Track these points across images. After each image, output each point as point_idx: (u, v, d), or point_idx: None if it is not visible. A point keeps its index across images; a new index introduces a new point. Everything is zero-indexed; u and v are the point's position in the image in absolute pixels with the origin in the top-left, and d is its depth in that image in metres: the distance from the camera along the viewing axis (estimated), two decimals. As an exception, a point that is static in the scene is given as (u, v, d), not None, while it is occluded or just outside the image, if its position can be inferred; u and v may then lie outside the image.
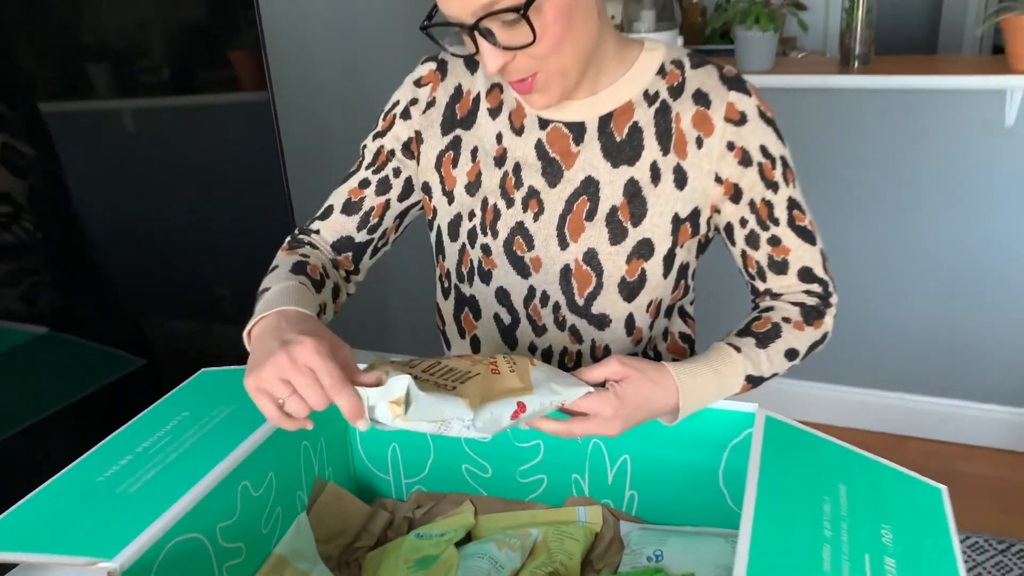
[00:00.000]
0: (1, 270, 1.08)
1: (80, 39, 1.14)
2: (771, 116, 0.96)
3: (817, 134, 2.42)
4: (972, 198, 2.33)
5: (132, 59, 1.20)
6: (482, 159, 1.00)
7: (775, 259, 0.98)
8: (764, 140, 0.95)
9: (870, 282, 2.51)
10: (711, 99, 0.94)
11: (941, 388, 2.53)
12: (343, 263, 1.06)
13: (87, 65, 1.13)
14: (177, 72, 1.25)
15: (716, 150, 0.94)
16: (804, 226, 0.98)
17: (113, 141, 1.19)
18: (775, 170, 0.95)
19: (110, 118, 1.18)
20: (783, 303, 1.00)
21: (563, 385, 0.82)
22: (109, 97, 1.17)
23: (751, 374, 0.93)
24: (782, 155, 0.96)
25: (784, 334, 0.96)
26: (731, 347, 0.93)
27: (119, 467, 0.86)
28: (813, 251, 1.00)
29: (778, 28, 2.34)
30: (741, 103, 0.94)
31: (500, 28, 0.83)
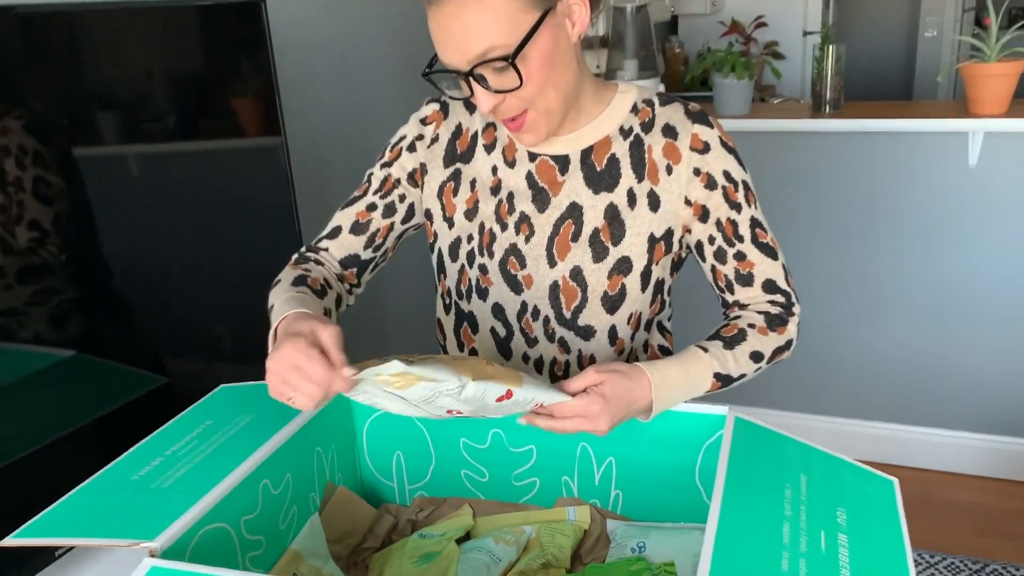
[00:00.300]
0: (28, 292, 1.17)
1: (110, 84, 1.25)
2: (732, 145, 1.08)
3: (792, 175, 2.55)
4: (940, 233, 2.45)
5: (155, 105, 1.31)
6: (479, 189, 1.12)
7: (741, 272, 1.10)
8: (726, 166, 1.07)
9: (846, 314, 2.62)
10: (678, 131, 1.06)
11: (917, 417, 2.63)
12: (348, 277, 1.17)
13: (113, 108, 1.24)
14: (197, 117, 1.37)
15: (684, 176, 1.06)
16: (766, 243, 1.10)
17: (135, 180, 1.29)
18: (738, 192, 1.07)
19: (135, 159, 1.28)
20: (749, 312, 1.11)
21: (547, 391, 0.92)
22: (134, 141, 1.28)
23: (719, 372, 1.03)
24: (743, 179, 1.08)
25: (749, 338, 1.07)
26: (700, 348, 1.04)
27: (152, 467, 0.95)
28: (775, 265, 1.10)
29: (753, 76, 2.48)
30: (704, 134, 1.06)
31: (491, 74, 0.95)
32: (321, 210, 1.96)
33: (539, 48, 0.94)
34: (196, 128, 1.38)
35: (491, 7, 0.91)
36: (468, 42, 0.92)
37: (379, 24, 2.21)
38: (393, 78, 2.29)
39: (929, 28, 5.54)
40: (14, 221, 1.13)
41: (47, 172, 1.17)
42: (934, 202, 2.44)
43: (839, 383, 2.70)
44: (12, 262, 1.14)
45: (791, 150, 2.53)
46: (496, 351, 1.16)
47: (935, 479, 2.59)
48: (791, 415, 2.77)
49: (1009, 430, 2.53)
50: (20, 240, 1.14)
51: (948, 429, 2.60)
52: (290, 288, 1.03)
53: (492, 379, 0.86)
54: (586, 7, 0.98)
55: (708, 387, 1.03)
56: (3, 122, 1.12)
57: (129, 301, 1.33)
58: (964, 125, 2.29)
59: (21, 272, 1.15)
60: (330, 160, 2.04)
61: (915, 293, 2.53)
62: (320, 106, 1.98)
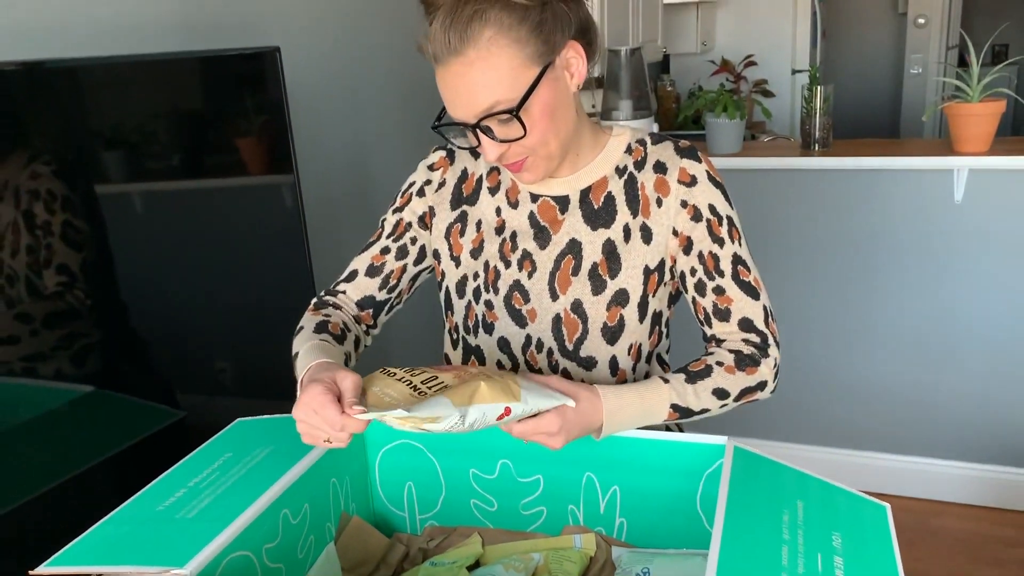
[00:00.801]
0: (55, 337, 1.21)
1: (137, 129, 1.30)
2: (719, 180, 1.14)
3: (783, 211, 2.62)
4: (927, 266, 2.52)
5: (178, 147, 1.37)
6: (484, 229, 1.18)
7: (719, 307, 1.14)
8: (712, 200, 1.12)
9: (837, 347, 2.68)
10: (667, 166, 1.13)
11: (908, 446, 2.68)
12: (364, 319, 1.23)
13: (138, 151, 1.29)
14: (216, 159, 1.43)
15: (672, 207, 1.12)
16: (748, 281, 1.14)
17: (156, 219, 1.34)
18: (722, 227, 1.13)
19: (155, 199, 1.33)
20: (722, 349, 1.15)
21: (542, 397, 0.97)
22: (152, 180, 1.33)
23: (676, 403, 1.08)
24: (728, 215, 1.14)
25: (714, 375, 1.11)
26: (661, 379, 1.09)
27: (175, 498, 0.99)
28: (755, 305, 1.14)
29: (744, 115, 2.56)
30: (692, 168, 1.12)
31: (497, 125, 1.03)
32: (329, 245, 2.01)
33: (540, 100, 1.01)
34: (216, 169, 1.44)
35: (494, 66, 0.98)
36: (474, 98, 0.99)
37: (385, 67, 2.29)
38: (397, 120, 2.35)
39: (914, 65, 5.66)
40: (42, 264, 1.18)
41: (75, 217, 1.22)
42: (921, 236, 2.50)
43: (831, 413, 2.74)
44: (40, 307, 1.18)
45: (782, 187, 2.60)
46: None
47: (928, 508, 2.63)
48: (786, 445, 2.82)
49: (999, 459, 2.58)
50: (48, 284, 1.19)
51: (939, 458, 2.64)
52: (312, 336, 1.09)
53: (489, 400, 0.91)
54: (583, 59, 1.05)
55: (664, 416, 1.07)
56: (33, 167, 1.17)
57: (148, 337, 1.37)
58: (950, 162, 2.36)
59: (49, 317, 1.20)
60: (336, 198, 2.10)
61: (904, 325, 2.58)
62: (327, 146, 2.05)
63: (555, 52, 1.02)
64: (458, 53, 0.98)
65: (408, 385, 0.94)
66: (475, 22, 0.97)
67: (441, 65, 1.00)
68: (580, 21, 1.05)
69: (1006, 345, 2.49)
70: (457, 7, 0.97)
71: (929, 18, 5.54)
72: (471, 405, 0.90)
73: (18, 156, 1.15)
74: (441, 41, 0.98)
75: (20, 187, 1.15)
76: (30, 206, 1.15)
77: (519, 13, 0.98)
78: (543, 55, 1.01)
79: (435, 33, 0.99)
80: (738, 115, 2.54)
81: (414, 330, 2.33)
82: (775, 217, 2.63)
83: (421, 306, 1.34)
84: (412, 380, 0.95)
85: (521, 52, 0.99)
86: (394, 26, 2.31)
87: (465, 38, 0.97)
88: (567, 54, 1.04)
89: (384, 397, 0.91)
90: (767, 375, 1.14)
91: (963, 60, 5.85)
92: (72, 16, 1.39)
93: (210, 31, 1.65)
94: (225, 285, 1.47)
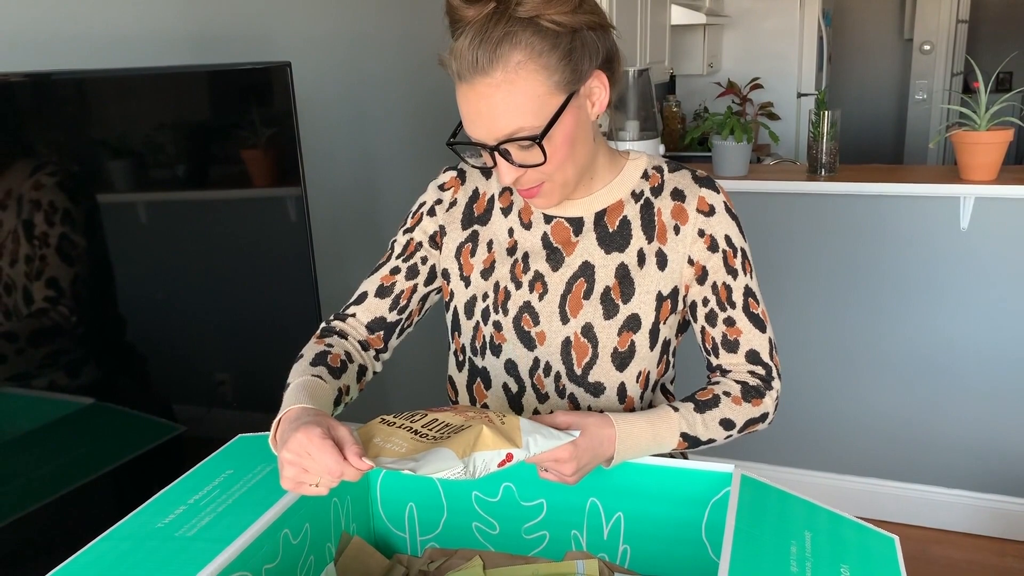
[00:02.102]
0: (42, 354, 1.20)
1: (137, 135, 1.30)
2: (735, 212, 1.14)
3: (789, 235, 2.61)
4: (933, 293, 2.51)
5: (188, 159, 1.37)
6: (496, 250, 1.17)
7: (728, 338, 1.14)
8: (728, 231, 1.12)
9: (841, 373, 2.67)
10: (686, 195, 1.12)
11: (911, 474, 2.66)
12: (374, 342, 1.21)
13: (138, 159, 1.29)
14: (226, 170, 1.42)
15: (689, 236, 1.11)
16: (757, 314, 1.14)
17: (156, 230, 1.33)
18: (736, 259, 1.13)
19: (161, 210, 1.33)
20: (728, 379, 1.15)
21: (546, 437, 0.95)
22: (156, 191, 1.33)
23: (686, 432, 1.08)
24: (743, 247, 1.14)
25: (722, 405, 1.11)
26: (671, 408, 1.09)
27: (175, 515, 0.98)
28: (762, 337, 1.15)
29: (751, 139, 2.56)
30: (711, 198, 1.12)
31: (516, 150, 1.01)
32: (335, 260, 2.01)
33: (563, 128, 1.00)
34: (223, 183, 1.44)
35: (521, 90, 0.96)
36: (497, 121, 0.98)
37: (396, 83, 2.29)
38: (407, 138, 2.35)
39: (919, 91, 5.68)
40: (34, 275, 1.17)
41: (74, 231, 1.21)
42: (927, 263, 2.50)
43: (833, 439, 2.73)
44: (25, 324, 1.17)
45: (788, 211, 2.60)
46: (508, 406, 1.20)
47: (930, 536, 2.61)
48: (789, 470, 2.80)
49: (1002, 488, 2.56)
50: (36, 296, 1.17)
51: (942, 487, 2.63)
52: (308, 368, 1.06)
53: (491, 447, 0.89)
54: (606, 89, 1.04)
55: (674, 445, 1.07)
56: (38, 177, 1.16)
57: (149, 349, 1.36)
58: (956, 190, 2.36)
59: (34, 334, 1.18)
60: (344, 214, 2.09)
61: (908, 352, 2.57)
62: (336, 161, 2.04)
63: (581, 81, 1.01)
64: (485, 73, 0.96)
65: (409, 431, 0.93)
66: (505, 44, 0.95)
67: (465, 83, 0.98)
68: (607, 50, 1.03)
69: (1011, 374, 2.47)
70: (487, 27, 0.95)
71: (935, 44, 5.57)
72: (474, 453, 0.88)
73: (23, 166, 1.14)
74: (468, 59, 0.96)
75: (24, 196, 1.14)
76: (31, 215, 1.15)
77: (551, 39, 0.96)
78: (570, 83, 0.99)
79: (461, 50, 0.96)
80: (745, 138, 2.54)
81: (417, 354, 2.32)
82: (781, 241, 2.63)
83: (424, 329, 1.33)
84: (413, 426, 0.94)
85: (549, 79, 0.97)
86: (406, 44, 2.31)
87: (494, 59, 0.95)
88: (592, 83, 1.03)
89: (387, 446, 0.90)
90: (770, 407, 1.15)
91: (967, 87, 5.87)
92: (83, 28, 1.39)
93: (224, 44, 1.65)
94: (229, 298, 1.46)
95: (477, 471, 0.88)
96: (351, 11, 2.10)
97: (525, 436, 0.93)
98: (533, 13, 0.95)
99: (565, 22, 0.97)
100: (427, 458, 0.87)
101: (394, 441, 0.91)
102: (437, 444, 0.89)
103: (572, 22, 0.97)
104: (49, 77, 1.18)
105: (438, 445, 0.89)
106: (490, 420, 0.94)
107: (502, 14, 0.95)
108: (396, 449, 0.90)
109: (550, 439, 0.95)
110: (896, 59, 5.96)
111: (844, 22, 5.92)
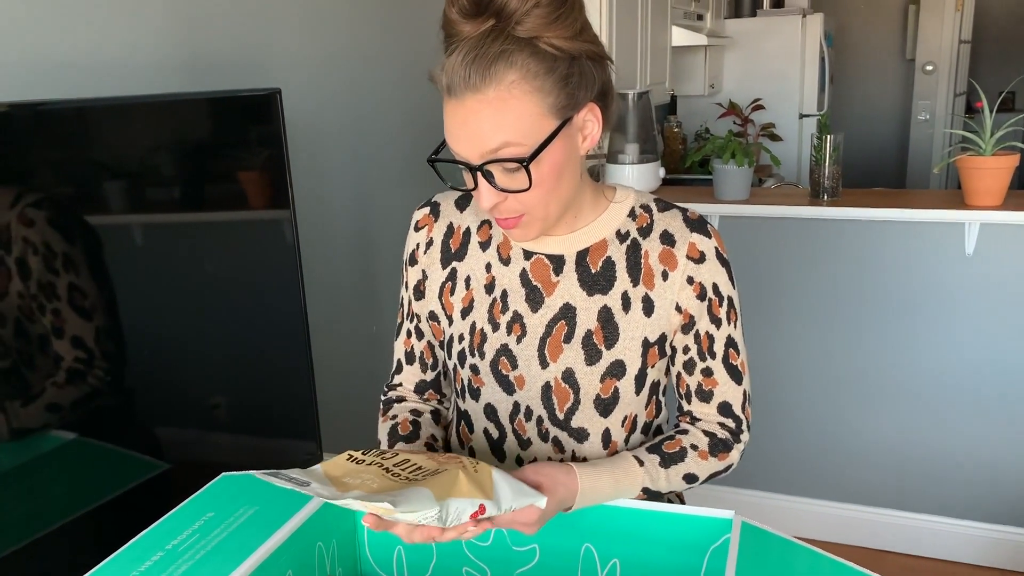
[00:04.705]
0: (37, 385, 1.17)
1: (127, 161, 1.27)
2: (726, 257, 1.10)
3: (790, 260, 2.58)
4: (937, 320, 2.47)
5: (177, 185, 1.34)
6: (474, 287, 1.12)
7: (703, 388, 1.11)
8: (717, 279, 1.08)
9: (844, 400, 2.62)
10: (676, 239, 1.08)
11: (916, 504, 2.61)
12: (430, 398, 1.23)
13: (117, 182, 1.26)
14: (216, 197, 1.40)
15: (678, 283, 1.07)
16: (736, 365, 1.11)
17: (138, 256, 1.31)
18: (721, 308, 1.09)
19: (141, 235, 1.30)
20: (697, 430, 1.12)
21: (515, 493, 0.91)
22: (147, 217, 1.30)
23: (648, 487, 1.06)
24: (730, 295, 1.10)
25: (688, 459, 1.09)
26: (636, 460, 1.06)
27: (152, 562, 0.94)
28: (737, 390, 1.12)
29: (752, 162, 2.53)
30: (701, 243, 1.07)
31: (500, 173, 0.96)
32: (326, 289, 1.98)
33: (551, 156, 0.96)
34: (215, 206, 1.41)
35: (513, 108, 0.91)
36: (483, 137, 0.93)
37: (391, 109, 2.27)
38: (402, 157, 2.33)
39: (922, 111, 5.66)
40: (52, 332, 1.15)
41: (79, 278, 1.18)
42: (932, 289, 2.46)
43: (837, 468, 2.68)
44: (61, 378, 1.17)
45: (790, 236, 2.56)
46: (489, 452, 1.16)
47: (937, 568, 2.56)
48: (794, 499, 2.75)
49: (1011, 520, 2.51)
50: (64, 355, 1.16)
51: (950, 517, 2.58)
52: None
53: (466, 495, 0.86)
54: (599, 123, 1.00)
55: (634, 497, 1.06)
56: (22, 209, 1.13)
57: (135, 378, 1.33)
58: (961, 216, 2.33)
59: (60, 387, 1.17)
60: (336, 240, 2.06)
61: (913, 380, 2.53)
62: (327, 184, 2.02)
63: (576, 109, 0.96)
64: (476, 90, 0.91)
65: (381, 467, 0.89)
66: (500, 62, 0.90)
67: (454, 98, 0.93)
68: (603, 83, 0.99)
69: (1020, 401, 2.43)
70: (484, 43, 0.91)
71: (937, 65, 5.55)
72: (450, 499, 0.85)
73: (4, 194, 1.11)
74: (460, 75, 0.91)
75: (10, 226, 1.11)
76: (23, 254, 1.11)
77: (548, 63, 0.92)
78: (564, 109, 0.95)
79: (453, 65, 0.92)
80: (746, 162, 2.51)
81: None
82: (783, 266, 2.59)
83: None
84: (384, 463, 0.90)
85: (543, 102, 0.93)
86: (403, 67, 2.29)
87: (487, 76, 0.91)
88: (585, 115, 0.98)
89: (356, 482, 0.86)
90: (735, 459, 1.14)
91: (970, 107, 5.85)
92: (74, 55, 1.36)
93: (216, 71, 1.63)
94: (217, 322, 1.43)
95: (449, 519, 0.84)
96: (347, 34, 2.08)
97: (496, 489, 0.89)
98: (532, 34, 0.92)
99: (564, 47, 0.93)
100: (404, 496, 0.82)
101: (364, 478, 0.86)
102: (413, 484, 0.85)
103: (571, 48, 0.94)
104: (35, 107, 1.15)
105: (415, 485, 0.85)
106: (464, 467, 0.91)
107: (500, 32, 0.91)
108: (369, 484, 0.85)
109: (519, 496, 0.91)
110: (899, 80, 5.95)
111: (846, 42, 5.91)
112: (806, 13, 4.50)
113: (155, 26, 1.50)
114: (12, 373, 1.13)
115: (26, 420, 1.16)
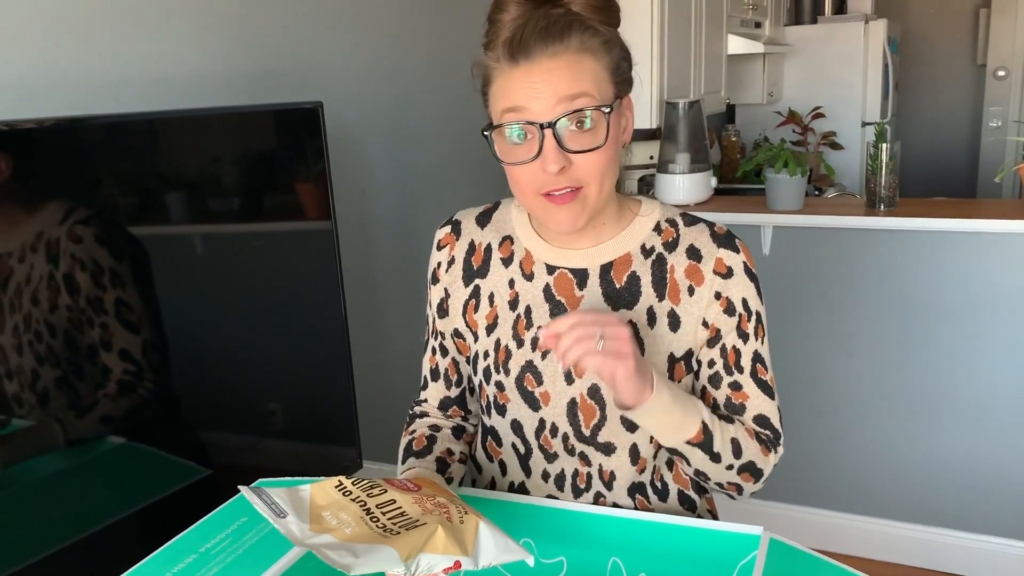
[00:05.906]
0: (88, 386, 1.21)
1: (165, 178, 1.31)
2: (755, 272, 1.08)
3: (845, 272, 2.52)
4: (1000, 335, 2.38)
5: (225, 195, 1.38)
6: (498, 303, 1.12)
7: (733, 402, 1.09)
8: (746, 294, 1.07)
9: (900, 416, 2.55)
10: (702, 254, 1.06)
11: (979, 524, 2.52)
12: (454, 414, 1.24)
13: (161, 196, 1.30)
14: (261, 208, 1.45)
15: (705, 298, 1.06)
16: (765, 380, 1.09)
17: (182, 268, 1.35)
18: (749, 323, 1.07)
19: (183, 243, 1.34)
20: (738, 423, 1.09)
21: (500, 549, 0.87)
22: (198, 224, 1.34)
23: (706, 423, 1.02)
24: (758, 311, 1.08)
25: (736, 427, 1.06)
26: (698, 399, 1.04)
27: (185, 564, 0.97)
28: (771, 404, 1.09)
29: (805, 171, 2.48)
30: (729, 259, 1.06)
31: (570, 134, 0.96)
32: (368, 305, 2.01)
33: (614, 123, 0.99)
34: (258, 218, 1.45)
35: (589, 66, 0.96)
36: (561, 88, 0.94)
37: (435, 114, 2.29)
38: (446, 165, 2.35)
39: (993, 118, 5.48)
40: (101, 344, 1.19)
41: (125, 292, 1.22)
42: (994, 303, 2.37)
43: (893, 485, 2.60)
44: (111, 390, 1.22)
45: (844, 247, 2.50)
46: (518, 467, 1.16)
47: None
48: (848, 516, 2.68)
49: (1079, 544, 2.40)
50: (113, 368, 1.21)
51: (1011, 538, 2.48)
52: (400, 467, 1.15)
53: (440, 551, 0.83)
54: (632, 120, 1.04)
55: (692, 435, 1.01)
56: (71, 226, 1.17)
57: (179, 388, 1.37)
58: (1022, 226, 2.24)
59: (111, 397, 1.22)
60: (377, 247, 2.09)
61: (973, 397, 2.45)
62: (369, 194, 2.05)
63: (623, 94, 1.02)
64: (553, 50, 0.94)
65: (362, 508, 0.86)
66: (575, 27, 0.96)
67: (526, 61, 0.94)
68: (631, 84, 1.05)
69: (1086, 421, 2.33)
70: (550, 15, 0.96)
71: (1010, 70, 5.37)
72: (420, 555, 0.81)
73: (55, 209, 1.15)
74: (534, 39, 0.94)
75: (59, 242, 1.14)
76: (71, 270, 1.15)
77: (606, 41, 0.98)
78: (620, 85, 1.01)
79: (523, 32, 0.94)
80: (799, 171, 2.47)
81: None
82: (837, 278, 2.53)
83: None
84: (368, 502, 0.87)
85: (608, 68, 0.98)
86: (446, 76, 2.31)
87: (563, 38, 0.95)
88: (626, 104, 1.04)
89: (333, 522, 0.84)
90: (769, 468, 1.09)
91: (1045, 114, 5.63)
92: (121, 71, 1.41)
93: (263, 83, 1.67)
94: (260, 333, 1.46)
95: (420, 571, 0.81)
96: (392, 45, 2.11)
97: (479, 542, 0.86)
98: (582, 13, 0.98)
99: (613, 35, 1.00)
100: (367, 555, 0.79)
101: (342, 518, 0.84)
102: (383, 539, 0.82)
103: (616, 39, 1.01)
104: (82, 122, 1.20)
105: (384, 542, 0.82)
106: (450, 517, 0.88)
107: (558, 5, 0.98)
108: (343, 530, 0.83)
109: (503, 552, 0.87)
110: (969, 86, 5.77)
111: (913, 49, 5.75)
112: (869, 19, 4.40)
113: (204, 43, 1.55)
114: (63, 383, 1.17)
115: (81, 431, 1.20)
